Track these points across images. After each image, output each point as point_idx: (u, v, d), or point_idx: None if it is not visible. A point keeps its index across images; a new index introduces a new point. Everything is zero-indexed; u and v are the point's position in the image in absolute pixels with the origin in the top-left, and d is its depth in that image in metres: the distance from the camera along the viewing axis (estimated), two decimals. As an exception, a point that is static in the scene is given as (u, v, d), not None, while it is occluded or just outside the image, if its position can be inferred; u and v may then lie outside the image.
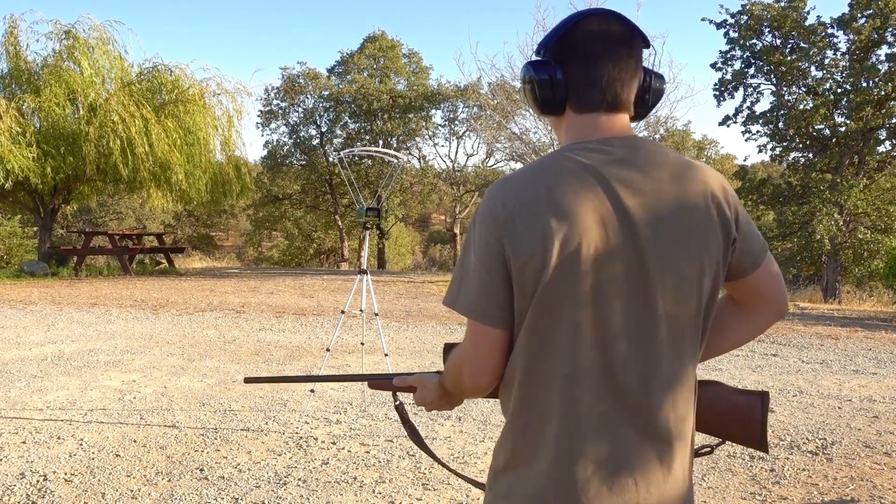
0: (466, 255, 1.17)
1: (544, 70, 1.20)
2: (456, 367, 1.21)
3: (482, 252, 1.13)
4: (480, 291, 1.13)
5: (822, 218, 18.86)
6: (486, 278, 1.13)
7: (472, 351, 1.17)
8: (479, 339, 1.16)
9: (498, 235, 1.11)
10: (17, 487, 3.43)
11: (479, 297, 1.13)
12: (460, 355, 1.20)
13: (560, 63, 1.20)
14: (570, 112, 1.21)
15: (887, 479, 3.66)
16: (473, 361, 1.17)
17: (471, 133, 27.30)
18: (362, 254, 4.99)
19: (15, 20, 16.37)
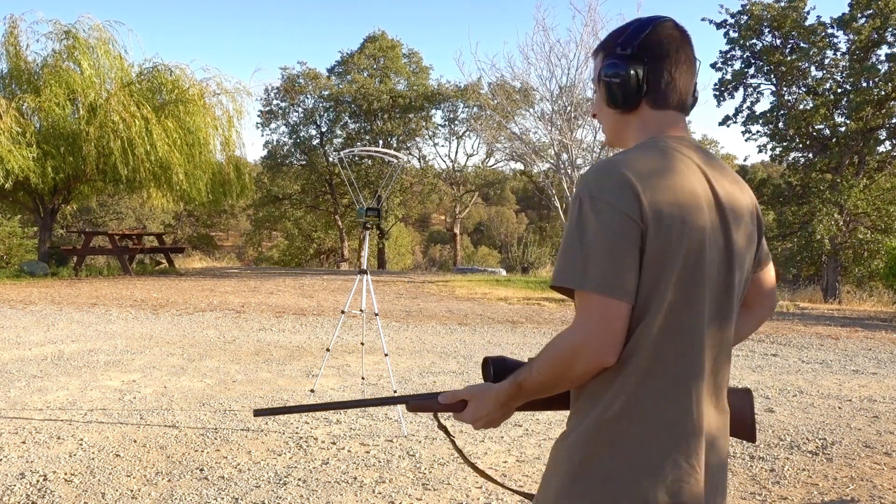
0: (585, 232, 1.16)
1: (631, 66, 1.29)
2: (571, 351, 1.17)
3: (614, 227, 1.15)
4: (613, 267, 1.15)
5: (822, 218, 18.86)
6: (619, 253, 1.15)
7: (601, 328, 1.15)
8: (610, 316, 1.15)
9: (629, 210, 1.16)
10: (17, 487, 3.43)
11: (611, 274, 1.14)
12: (577, 337, 1.16)
13: (641, 61, 1.29)
14: (647, 108, 1.31)
15: (887, 479, 3.66)
16: (602, 339, 1.15)
17: (471, 133, 27.34)
18: (362, 254, 4.99)
19: (15, 20, 16.38)
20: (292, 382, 5.75)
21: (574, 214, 1.19)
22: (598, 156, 16.98)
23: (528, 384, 1.26)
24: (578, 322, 1.17)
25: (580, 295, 1.16)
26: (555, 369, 1.21)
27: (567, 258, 1.18)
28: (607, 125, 1.39)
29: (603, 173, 1.20)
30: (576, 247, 1.17)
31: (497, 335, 8.41)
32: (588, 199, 1.18)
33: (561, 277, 1.18)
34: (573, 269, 1.16)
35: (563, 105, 16.88)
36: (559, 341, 1.19)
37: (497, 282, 16.09)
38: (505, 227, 48.20)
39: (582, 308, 1.16)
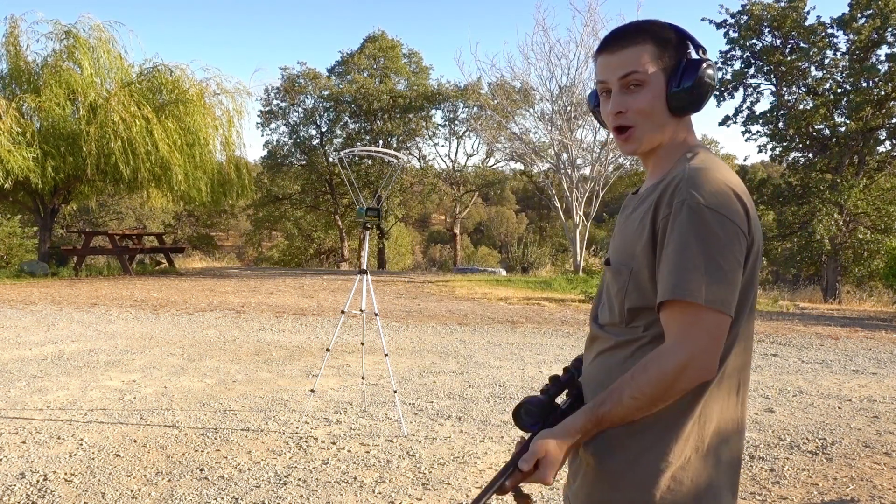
0: (706, 245, 1.14)
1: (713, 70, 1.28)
2: (678, 369, 1.14)
3: (733, 242, 1.16)
4: (729, 283, 1.15)
5: (822, 218, 18.86)
6: (734, 269, 1.16)
7: (712, 344, 1.15)
8: (721, 332, 1.16)
9: (742, 225, 1.18)
10: (17, 487, 3.43)
11: (727, 290, 1.15)
12: (686, 354, 1.14)
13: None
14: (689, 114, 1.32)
15: (887, 479, 3.66)
16: (711, 355, 1.15)
17: (471, 133, 27.33)
18: (362, 254, 4.99)
19: (15, 20, 16.39)
20: (292, 382, 5.75)
21: (691, 224, 1.15)
22: (598, 156, 16.99)
23: (615, 414, 1.19)
24: (687, 338, 1.14)
25: (694, 309, 1.14)
26: (656, 390, 1.16)
27: (687, 270, 1.14)
28: (654, 129, 1.29)
29: (715, 185, 1.18)
30: (697, 259, 1.14)
31: (497, 335, 8.42)
32: (707, 211, 1.15)
33: (681, 290, 1.14)
34: (694, 284, 1.13)
35: (563, 105, 16.88)
36: (662, 360, 1.15)
37: (497, 282, 16.10)
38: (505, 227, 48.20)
39: (692, 323, 1.14)
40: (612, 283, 1.30)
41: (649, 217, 1.22)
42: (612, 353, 1.29)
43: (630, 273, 1.25)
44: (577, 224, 16.84)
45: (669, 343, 1.16)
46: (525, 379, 5.95)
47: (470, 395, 5.37)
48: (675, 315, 1.15)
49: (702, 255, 1.14)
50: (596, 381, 1.30)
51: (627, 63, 1.27)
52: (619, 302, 1.28)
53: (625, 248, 1.29)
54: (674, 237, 1.16)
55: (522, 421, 1.26)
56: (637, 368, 1.18)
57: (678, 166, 1.25)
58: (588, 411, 1.20)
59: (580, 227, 16.92)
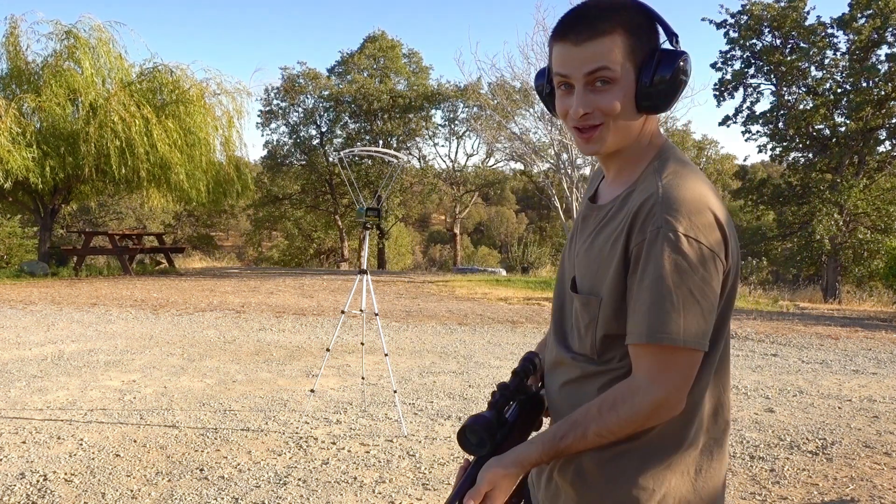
0: (685, 279, 1.05)
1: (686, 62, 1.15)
2: (651, 408, 1.08)
3: (712, 275, 1.07)
4: (705, 318, 1.07)
5: (822, 218, 18.87)
6: (712, 303, 1.08)
7: (684, 382, 1.08)
8: (693, 369, 1.09)
9: (721, 253, 1.08)
10: (17, 487, 3.43)
11: (704, 325, 1.07)
12: (660, 394, 1.07)
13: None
14: None
15: (887, 479, 3.66)
16: (680, 392, 1.09)
17: (471, 133, 27.34)
18: (362, 254, 4.99)
19: (16, 20, 16.40)
20: (292, 382, 5.75)
21: (668, 256, 1.05)
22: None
23: (576, 448, 1.13)
24: (661, 378, 1.07)
25: (670, 350, 1.06)
26: (625, 429, 1.10)
27: (664, 311, 1.05)
28: (620, 129, 1.16)
29: (692, 207, 1.07)
30: (674, 296, 1.05)
31: (497, 335, 8.42)
32: (685, 240, 1.05)
33: (658, 334, 1.05)
34: (672, 325, 1.05)
35: (563, 105, 16.86)
36: (635, 400, 1.08)
37: (497, 282, 16.10)
38: (505, 227, 48.23)
39: (667, 363, 1.07)
40: (582, 313, 1.19)
41: (621, 243, 1.11)
42: (580, 383, 1.20)
43: (600, 303, 1.15)
44: (577, 224, 16.82)
45: (641, 381, 1.09)
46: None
47: (470, 395, 5.37)
48: (649, 354, 1.08)
49: (679, 291, 1.05)
50: (564, 409, 1.22)
51: (595, 57, 1.10)
52: (590, 333, 1.18)
53: (593, 274, 1.17)
54: (649, 270, 1.06)
55: (468, 444, 1.16)
56: (604, 404, 1.10)
57: (649, 180, 1.14)
58: (546, 443, 1.13)
59: (580, 227, 16.89)
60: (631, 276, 1.10)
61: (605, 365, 1.17)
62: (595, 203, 1.27)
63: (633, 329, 1.09)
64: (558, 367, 1.27)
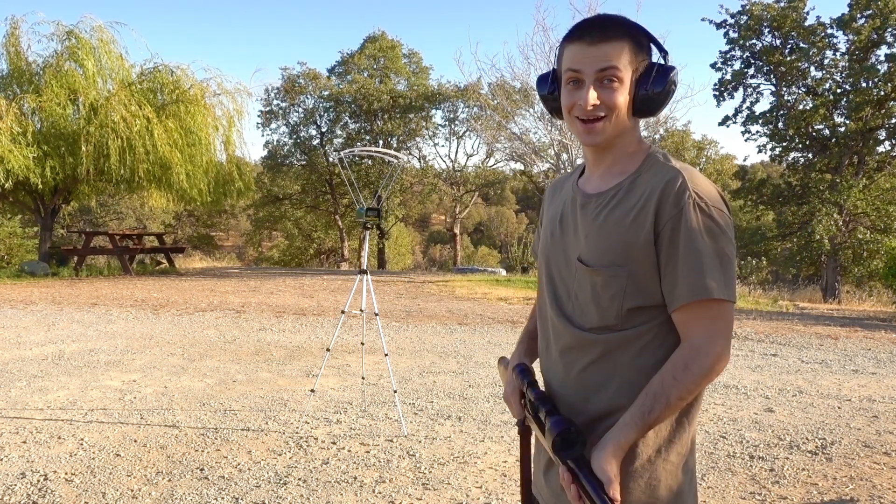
0: (714, 243, 1.21)
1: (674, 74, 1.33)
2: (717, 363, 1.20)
3: (733, 237, 1.26)
4: (734, 274, 1.25)
5: (822, 218, 18.87)
6: (735, 260, 1.26)
7: (731, 333, 1.24)
8: (733, 321, 1.25)
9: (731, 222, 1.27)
10: (17, 487, 3.44)
11: (735, 280, 1.25)
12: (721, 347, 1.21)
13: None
14: None
15: (886, 479, 3.67)
16: (729, 343, 1.23)
17: (471, 133, 27.33)
18: (362, 254, 5.00)
19: (16, 21, 16.42)
20: (292, 382, 5.76)
21: (703, 222, 1.21)
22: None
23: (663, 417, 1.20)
24: (718, 333, 1.21)
25: (718, 304, 1.21)
26: (699, 387, 1.21)
27: (708, 269, 1.20)
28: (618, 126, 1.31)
29: (707, 184, 1.26)
30: (714, 257, 1.21)
31: (497, 335, 8.42)
32: (713, 209, 1.23)
33: (706, 290, 1.20)
34: (717, 281, 1.20)
35: (563, 105, 16.86)
36: (701, 359, 1.19)
37: (497, 282, 16.10)
38: (505, 227, 48.23)
39: (718, 318, 1.21)
40: (606, 286, 1.27)
41: (650, 217, 1.23)
42: (607, 359, 1.28)
43: (627, 274, 1.25)
44: (577, 224, 16.83)
45: (701, 340, 1.20)
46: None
47: (470, 395, 5.38)
48: (700, 312, 1.20)
49: (716, 252, 1.20)
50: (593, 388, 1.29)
51: (608, 57, 1.26)
52: (616, 304, 1.26)
53: (613, 247, 1.27)
54: (688, 237, 1.20)
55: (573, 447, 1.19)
56: (676, 369, 1.19)
57: (657, 167, 1.29)
58: (639, 421, 1.19)
59: (580, 227, 16.90)
60: (669, 247, 1.22)
61: (634, 330, 1.27)
62: (585, 189, 1.39)
63: (684, 290, 1.21)
64: (570, 352, 1.34)
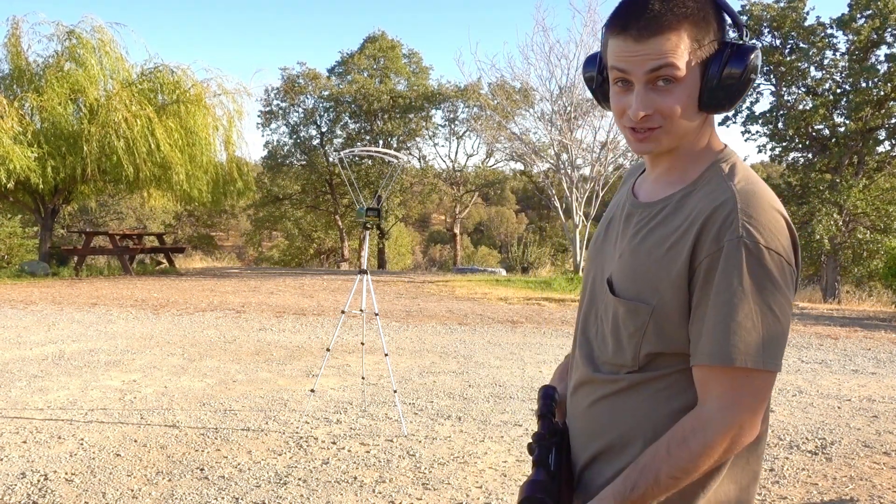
0: (768, 297, 0.97)
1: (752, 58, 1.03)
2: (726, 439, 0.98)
3: (789, 290, 0.98)
4: (783, 336, 1.00)
5: (822, 218, 18.87)
6: (789, 318, 1.00)
7: (759, 406, 0.99)
8: (769, 391, 1.01)
9: (793, 263, 1.00)
10: (17, 487, 3.44)
11: (782, 343, 1.00)
12: (734, 421, 0.98)
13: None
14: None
15: (886, 479, 3.67)
16: (757, 417, 1.00)
17: (471, 133, 27.34)
18: (362, 254, 5.00)
19: (17, 21, 16.43)
20: (292, 382, 5.76)
21: (749, 269, 0.96)
22: (598, 156, 17.00)
23: (650, 494, 1.00)
24: (736, 405, 0.98)
25: (746, 373, 0.97)
26: (701, 465, 0.99)
27: (742, 329, 0.96)
28: (679, 129, 1.05)
29: (770, 217, 0.99)
30: (755, 314, 0.96)
31: (497, 335, 8.42)
32: (767, 253, 0.97)
33: (734, 356, 0.96)
34: (752, 346, 0.96)
35: (563, 105, 16.89)
36: (707, 432, 0.98)
37: (497, 282, 16.10)
38: (505, 227, 48.22)
39: (742, 387, 0.98)
40: (626, 321, 1.07)
41: (687, 250, 1.00)
42: (619, 398, 1.09)
43: (651, 312, 1.04)
44: (577, 224, 16.86)
45: (713, 409, 0.98)
46: (525, 379, 5.96)
47: (470, 395, 5.38)
48: (721, 378, 0.98)
49: (759, 308, 0.96)
50: (596, 430, 1.13)
51: (660, 55, 1.00)
52: (633, 344, 1.07)
53: (641, 278, 1.06)
54: (728, 284, 0.97)
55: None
56: (672, 441, 1.00)
57: (715, 183, 1.04)
58: (618, 497, 1.02)
59: (580, 227, 16.93)
60: (701, 290, 0.99)
61: (648, 373, 1.06)
62: (638, 198, 1.15)
63: (705, 348, 0.98)
64: (583, 387, 1.15)
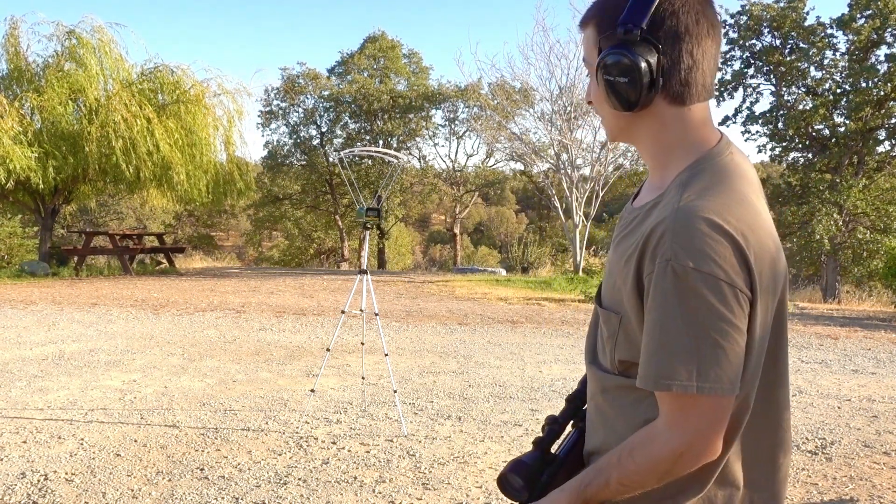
0: (693, 317, 0.92)
1: (641, 55, 0.98)
2: (672, 456, 0.96)
3: (729, 308, 0.92)
4: (728, 360, 0.93)
5: (822, 218, 18.87)
6: (734, 341, 0.93)
7: (712, 429, 0.95)
8: (723, 414, 0.96)
9: (745, 280, 0.93)
10: (17, 487, 3.44)
11: (728, 368, 0.93)
12: (682, 441, 0.95)
13: (653, 46, 0.99)
14: (664, 104, 1.03)
15: (886, 479, 3.67)
16: (711, 439, 0.96)
17: (471, 133, 27.34)
18: (362, 254, 5.00)
19: (16, 21, 16.44)
20: (292, 382, 5.76)
21: (669, 291, 0.93)
22: (598, 156, 17.00)
23: (601, 496, 1.03)
24: (681, 425, 0.95)
25: (687, 397, 0.94)
26: (647, 478, 0.99)
27: (673, 355, 0.93)
28: (609, 121, 1.09)
29: (700, 233, 0.92)
30: (685, 338, 0.92)
31: (497, 335, 8.42)
32: (696, 275, 0.91)
33: (666, 382, 0.93)
34: (682, 371, 0.93)
35: (563, 105, 16.89)
36: (653, 447, 0.98)
37: (497, 282, 16.10)
38: (505, 227, 48.20)
39: (686, 409, 0.95)
40: (603, 327, 1.10)
41: (633, 264, 0.99)
42: (607, 397, 1.10)
43: (619, 321, 1.04)
44: (577, 224, 16.86)
45: (660, 427, 0.97)
46: (525, 379, 5.96)
47: (470, 395, 5.38)
48: (664, 398, 0.96)
49: (690, 332, 0.92)
50: (592, 427, 1.14)
51: (584, 47, 1.08)
52: (609, 349, 1.08)
53: (612, 287, 1.07)
54: (657, 305, 0.94)
55: (509, 491, 1.11)
56: (624, 451, 1.01)
57: (670, 195, 1.00)
58: (573, 490, 1.04)
59: (580, 227, 16.93)
60: (646, 307, 0.98)
61: (629, 379, 1.05)
62: (633, 203, 1.14)
63: (641, 371, 0.98)
64: (591, 384, 1.16)
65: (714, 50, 1.02)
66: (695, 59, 1.00)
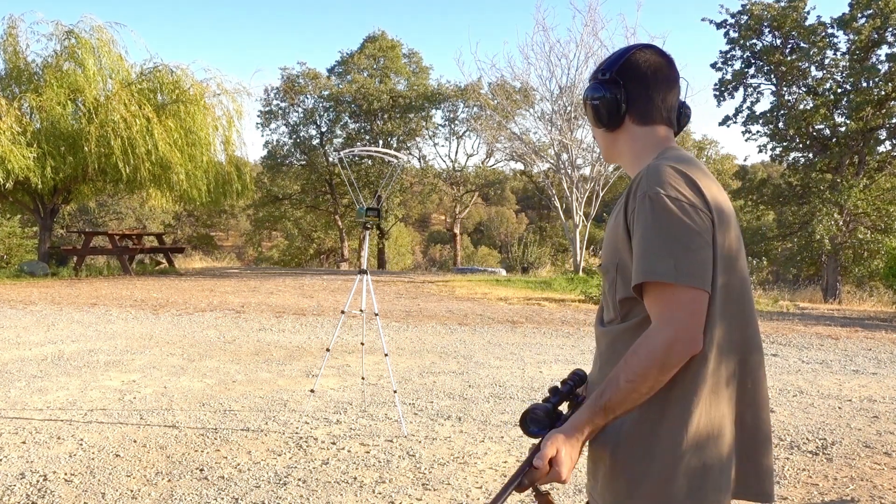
0: (667, 227, 1.22)
1: (610, 89, 1.41)
2: (665, 346, 1.20)
3: (694, 220, 1.23)
4: (696, 260, 1.22)
5: (822, 218, 18.86)
6: (701, 246, 1.23)
7: (693, 318, 1.21)
8: (700, 306, 1.22)
9: (703, 203, 1.25)
10: (17, 487, 3.43)
11: (696, 265, 1.22)
12: (670, 331, 1.20)
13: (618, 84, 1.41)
14: (632, 125, 1.43)
15: (887, 479, 3.66)
16: (694, 329, 1.21)
17: (471, 133, 27.35)
18: (362, 254, 4.99)
19: (14, 20, 16.41)
20: (292, 382, 5.75)
21: (648, 212, 1.24)
22: (598, 156, 16.98)
23: (616, 400, 1.23)
24: (668, 316, 1.21)
25: (669, 288, 1.21)
26: (649, 370, 1.21)
27: (654, 254, 1.22)
28: (600, 143, 1.51)
29: (666, 172, 1.27)
30: (660, 243, 1.22)
31: (497, 335, 8.42)
32: (666, 198, 1.24)
33: (650, 272, 1.21)
34: (662, 264, 1.21)
35: (563, 105, 16.88)
36: (649, 341, 1.21)
37: (497, 282, 16.09)
38: (505, 227, 48.18)
39: (670, 302, 1.21)
40: (604, 282, 1.40)
41: (621, 214, 1.31)
42: (614, 347, 1.34)
43: (616, 268, 1.33)
44: (577, 224, 16.85)
45: (654, 324, 1.22)
46: (525, 379, 5.95)
47: (470, 395, 5.37)
48: (653, 297, 1.23)
49: (666, 237, 1.22)
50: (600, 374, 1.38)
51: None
52: (612, 297, 1.35)
53: (609, 246, 1.38)
54: (640, 226, 1.25)
55: (529, 429, 1.28)
56: (629, 353, 1.23)
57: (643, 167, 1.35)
58: (591, 403, 1.25)
59: (580, 227, 16.92)
60: (633, 240, 1.27)
61: (630, 322, 1.31)
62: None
63: (634, 275, 1.25)
64: (597, 348, 1.43)
65: (669, 94, 1.42)
66: (651, 95, 1.41)
